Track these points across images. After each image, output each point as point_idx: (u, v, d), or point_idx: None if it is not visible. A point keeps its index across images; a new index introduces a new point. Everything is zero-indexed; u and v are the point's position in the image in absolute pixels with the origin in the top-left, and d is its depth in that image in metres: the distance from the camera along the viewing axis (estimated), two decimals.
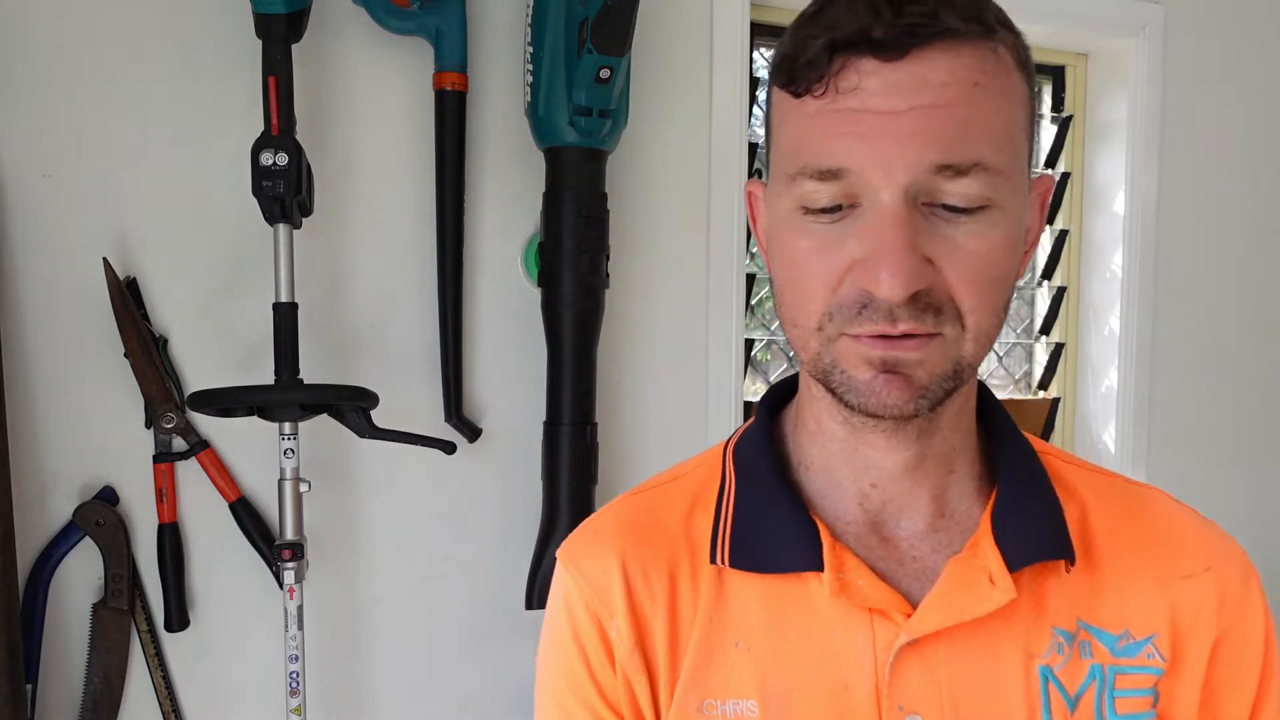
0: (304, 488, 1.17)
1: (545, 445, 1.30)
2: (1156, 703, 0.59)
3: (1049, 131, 1.84)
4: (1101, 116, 1.79)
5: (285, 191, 1.10)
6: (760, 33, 1.54)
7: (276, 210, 1.12)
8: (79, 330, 1.17)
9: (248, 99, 1.19)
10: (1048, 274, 1.84)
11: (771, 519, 0.61)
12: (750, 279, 1.56)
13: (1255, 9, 1.84)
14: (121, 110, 1.17)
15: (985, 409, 0.64)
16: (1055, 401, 1.84)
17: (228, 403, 1.12)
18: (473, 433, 1.32)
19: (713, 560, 0.61)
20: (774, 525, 0.60)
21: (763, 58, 1.61)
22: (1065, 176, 1.82)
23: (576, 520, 1.23)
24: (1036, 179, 0.59)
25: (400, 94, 1.28)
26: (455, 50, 1.24)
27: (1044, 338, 1.86)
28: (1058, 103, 1.82)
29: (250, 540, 1.22)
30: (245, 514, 1.21)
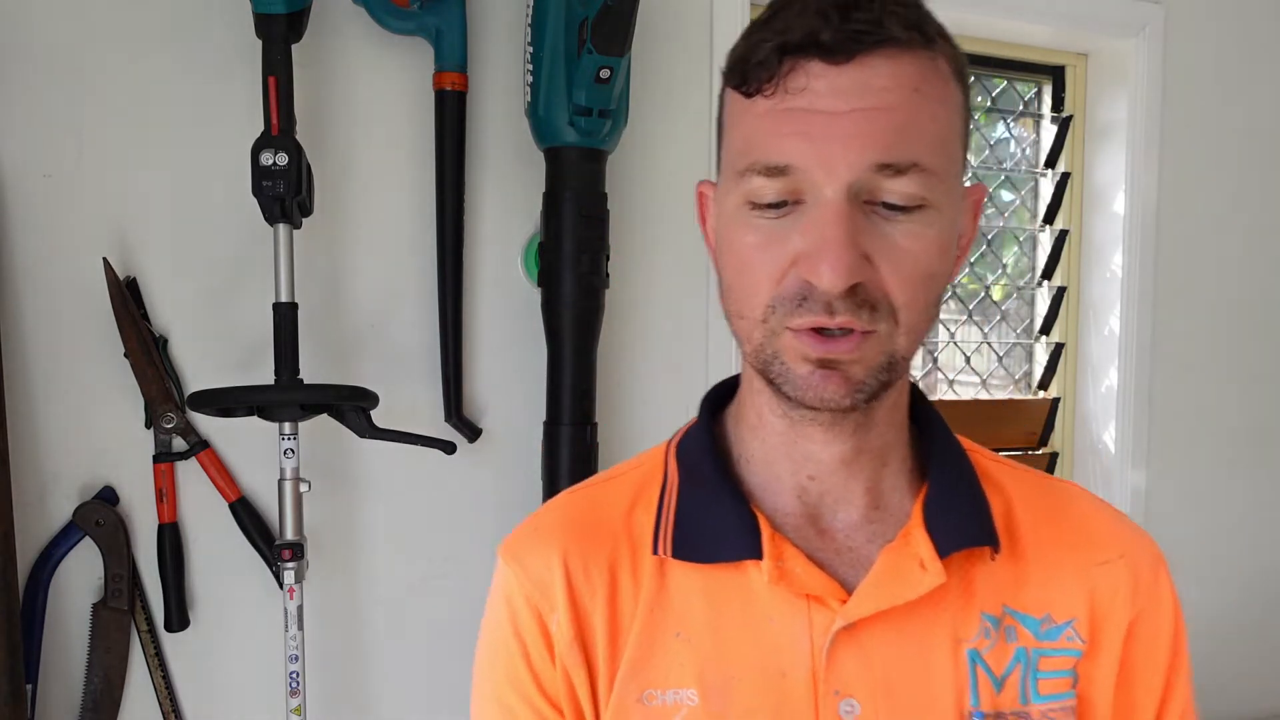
0: (304, 488, 1.17)
1: (545, 445, 1.30)
2: (1076, 683, 0.62)
3: (1049, 131, 1.84)
4: (1101, 116, 1.79)
5: (285, 191, 1.10)
6: None
7: (276, 210, 1.12)
8: (79, 330, 1.17)
9: (248, 99, 1.19)
10: (1048, 274, 1.84)
11: (713, 511, 0.63)
12: None
13: (1255, 9, 1.84)
14: (121, 110, 1.17)
15: (917, 408, 0.68)
16: (1055, 401, 1.84)
17: (228, 403, 1.12)
18: (473, 433, 1.32)
19: (655, 551, 0.63)
20: (715, 517, 0.62)
21: None
22: (1065, 176, 1.82)
23: None
24: (970, 187, 0.61)
25: (400, 94, 1.28)
26: (455, 50, 1.24)
27: (1044, 338, 1.86)
28: (1058, 103, 1.82)
29: (250, 540, 1.22)
30: (245, 514, 1.21)
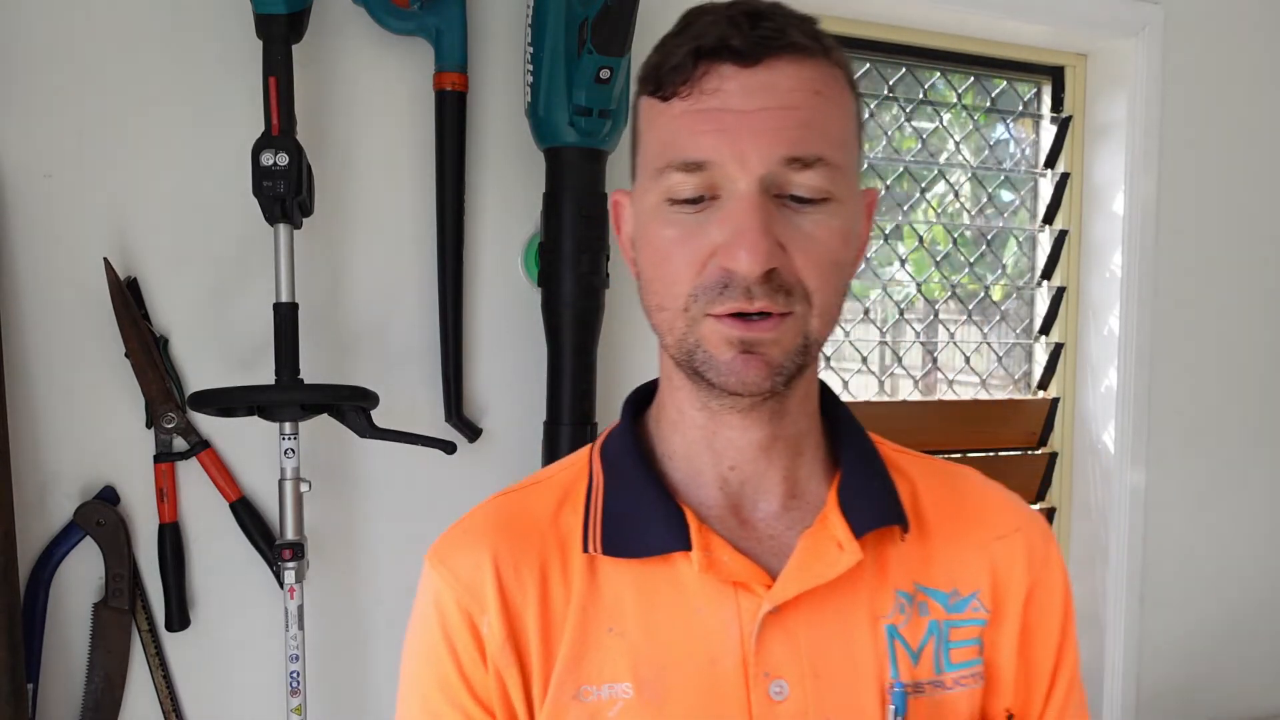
0: (304, 488, 1.17)
1: (545, 445, 1.30)
2: (982, 650, 0.67)
3: (1048, 132, 1.84)
4: (1101, 117, 1.79)
5: (285, 191, 1.10)
6: None
7: (277, 210, 1.12)
8: (79, 330, 1.17)
9: (248, 99, 1.19)
10: (1047, 274, 1.84)
11: (639, 507, 0.65)
12: None
13: (1255, 9, 1.84)
14: (122, 110, 1.17)
15: (826, 403, 0.72)
16: (1055, 401, 1.84)
17: (228, 403, 1.12)
18: (473, 433, 1.32)
19: (585, 549, 0.65)
20: (642, 512, 0.65)
21: None
22: (1064, 177, 1.82)
23: None
24: (865, 190, 0.66)
25: (400, 94, 1.28)
26: (455, 50, 1.25)
27: (1044, 338, 1.86)
28: (1057, 103, 1.82)
29: (251, 540, 1.22)
30: (246, 514, 1.21)
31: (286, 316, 1.15)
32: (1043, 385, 1.86)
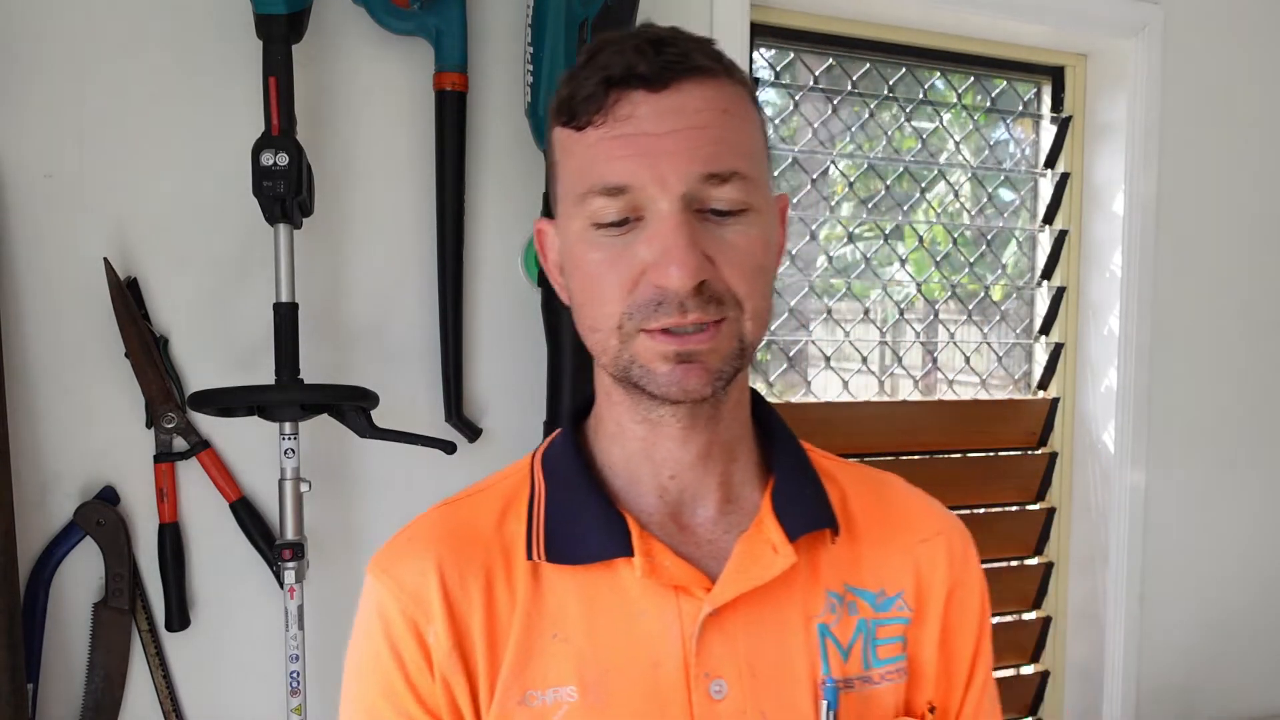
0: (304, 488, 1.17)
1: None
2: (906, 646, 0.71)
3: (1048, 132, 1.84)
4: (1101, 117, 1.79)
5: (285, 191, 1.10)
6: (760, 33, 1.54)
7: (277, 210, 1.12)
8: (79, 330, 1.17)
9: (248, 99, 1.19)
10: (1047, 274, 1.84)
11: (582, 515, 0.67)
12: None
13: (1254, 9, 1.84)
14: (122, 110, 1.17)
15: (759, 412, 0.74)
16: (1055, 401, 1.84)
17: (228, 403, 1.12)
18: (473, 433, 1.32)
19: (529, 556, 0.67)
20: (584, 519, 0.67)
21: (763, 58, 1.61)
22: (1064, 177, 1.82)
23: None
24: (777, 196, 0.69)
25: (400, 94, 1.28)
26: (455, 50, 1.25)
27: (1044, 338, 1.86)
28: (1057, 103, 1.82)
29: (251, 540, 1.22)
30: (246, 514, 1.21)
31: (286, 316, 1.15)
32: (1043, 385, 1.86)
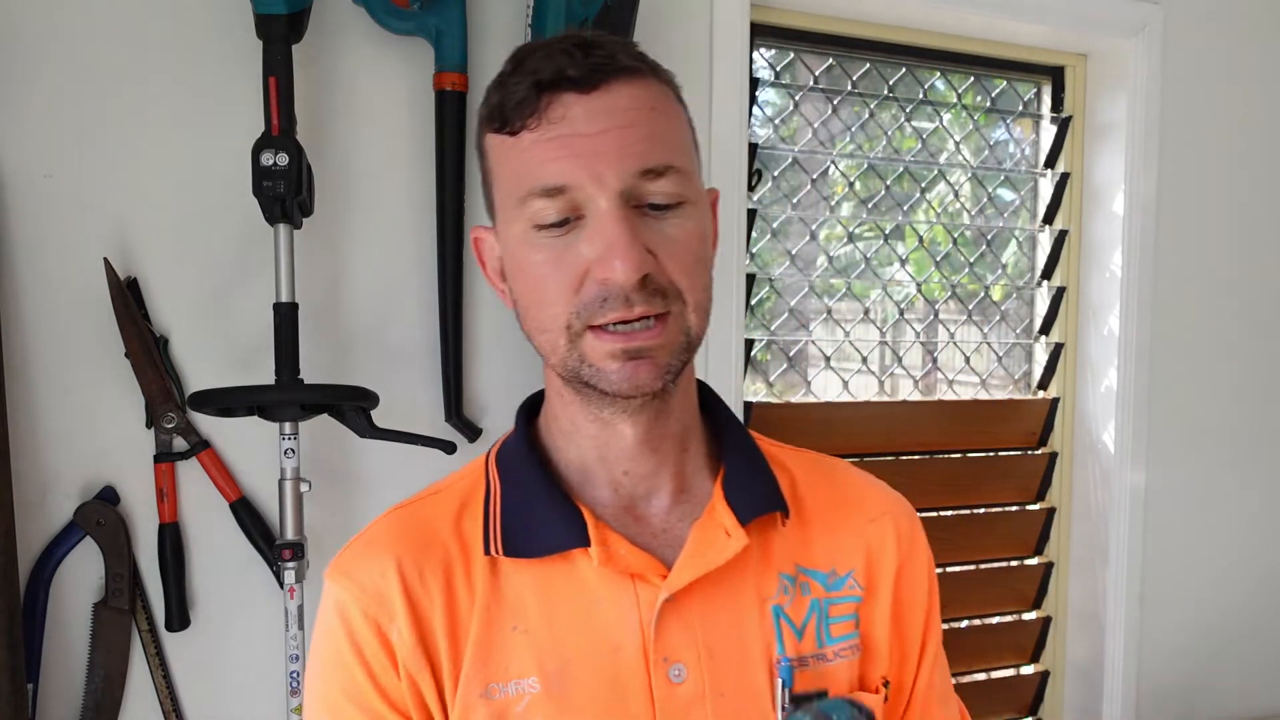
0: (304, 488, 1.17)
1: None
2: (859, 624, 0.73)
3: (1048, 132, 1.84)
4: (1101, 117, 1.79)
5: (285, 191, 1.10)
6: (760, 33, 1.54)
7: (277, 210, 1.12)
8: (79, 330, 1.17)
9: (248, 99, 1.19)
10: (1047, 274, 1.84)
11: (538, 509, 0.68)
12: (750, 279, 1.56)
13: (1255, 9, 1.84)
14: (122, 110, 1.17)
15: (707, 403, 0.76)
16: (1055, 401, 1.84)
17: (228, 403, 1.12)
18: (473, 433, 1.32)
19: (486, 551, 0.68)
20: (541, 513, 0.68)
21: (763, 58, 1.61)
22: (1064, 177, 1.82)
23: None
24: (708, 190, 0.71)
25: (400, 94, 1.28)
26: (455, 50, 1.24)
27: (1043, 338, 1.86)
28: (1057, 103, 1.82)
29: (251, 540, 1.22)
30: (246, 514, 1.21)
31: (286, 316, 1.15)
32: (1043, 385, 1.86)
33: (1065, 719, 1.87)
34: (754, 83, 1.55)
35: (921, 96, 1.74)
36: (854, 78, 1.68)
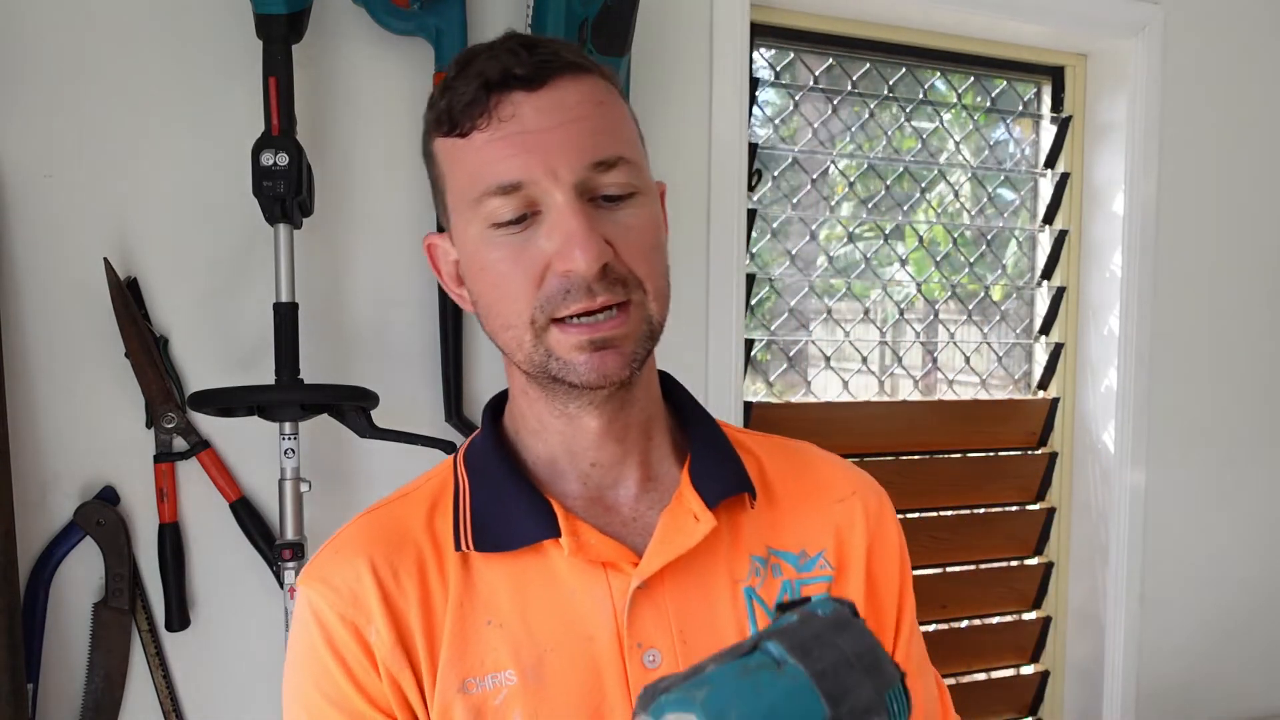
0: (304, 488, 1.17)
1: None
2: None
3: (1048, 132, 1.84)
4: (1101, 117, 1.79)
5: (285, 191, 1.10)
6: (760, 33, 1.54)
7: (277, 210, 1.12)
8: (80, 330, 1.17)
9: (248, 99, 1.19)
10: (1047, 274, 1.84)
11: (507, 503, 0.69)
12: (750, 279, 1.56)
13: (1254, 9, 1.84)
14: (122, 110, 1.17)
15: (671, 392, 0.77)
16: (1055, 401, 1.84)
17: (228, 403, 1.12)
18: (472, 433, 1.31)
19: (457, 547, 0.68)
20: (510, 508, 0.69)
21: (763, 58, 1.61)
22: (1064, 177, 1.82)
23: None
24: (655, 183, 0.72)
25: (400, 94, 1.28)
26: (455, 50, 1.23)
27: (1043, 338, 1.86)
28: (1057, 103, 1.82)
29: (251, 540, 1.22)
30: (246, 514, 1.21)
31: (286, 316, 1.15)
32: (1043, 385, 1.86)
33: (1065, 719, 1.87)
34: (754, 83, 1.55)
35: (921, 96, 1.74)
36: (854, 78, 1.68)
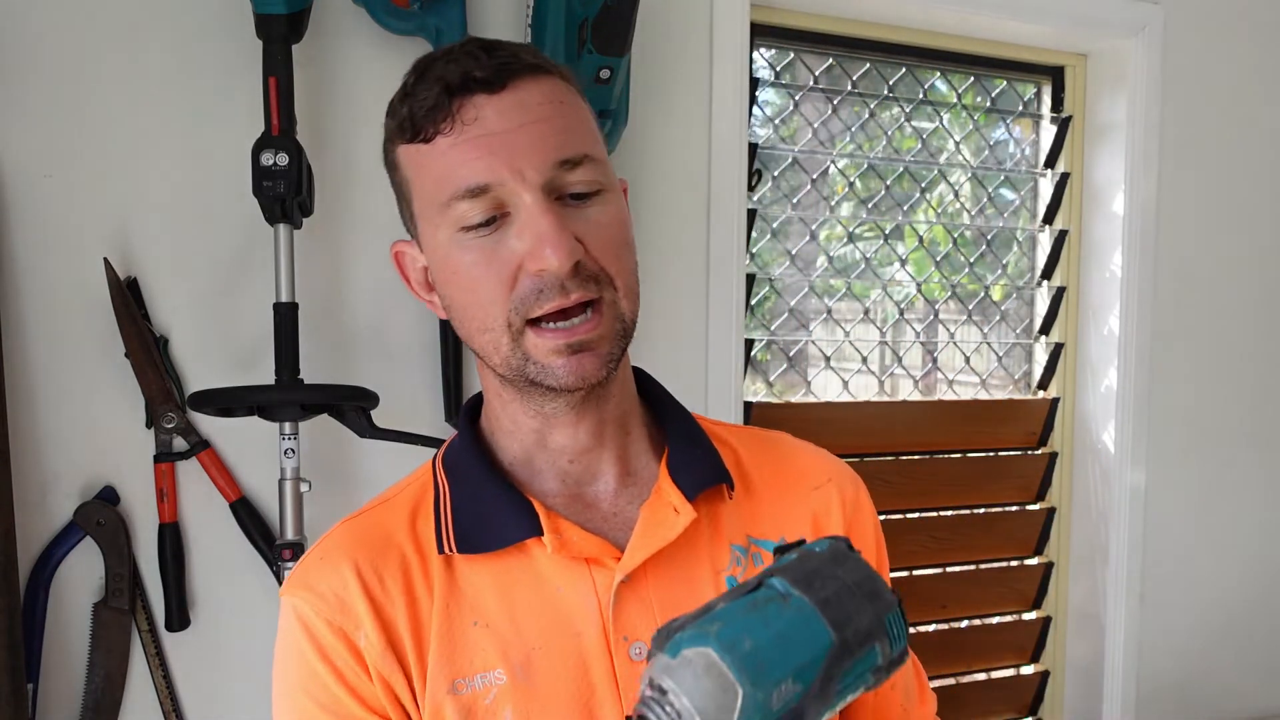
0: (304, 488, 1.17)
1: None
2: None
3: (1048, 132, 1.84)
4: (1101, 117, 1.79)
5: (285, 191, 1.10)
6: (760, 33, 1.54)
7: (277, 210, 1.12)
8: (79, 330, 1.17)
9: (248, 99, 1.19)
10: (1047, 274, 1.84)
11: (488, 505, 0.69)
12: (750, 279, 1.56)
13: (1255, 9, 1.84)
14: (122, 110, 1.17)
15: (647, 389, 0.78)
16: (1055, 401, 1.84)
17: (228, 403, 1.12)
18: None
19: (440, 550, 0.68)
20: (491, 509, 0.69)
21: (763, 58, 1.61)
22: (1064, 177, 1.82)
23: None
24: (619, 180, 0.72)
25: None
26: None
27: (1043, 338, 1.86)
28: (1057, 103, 1.82)
29: (251, 540, 1.22)
30: (246, 514, 1.21)
31: (286, 316, 1.15)
32: (1043, 385, 1.86)
33: (1065, 719, 1.87)
34: (754, 83, 1.55)
35: (921, 96, 1.74)
36: (854, 78, 1.68)
